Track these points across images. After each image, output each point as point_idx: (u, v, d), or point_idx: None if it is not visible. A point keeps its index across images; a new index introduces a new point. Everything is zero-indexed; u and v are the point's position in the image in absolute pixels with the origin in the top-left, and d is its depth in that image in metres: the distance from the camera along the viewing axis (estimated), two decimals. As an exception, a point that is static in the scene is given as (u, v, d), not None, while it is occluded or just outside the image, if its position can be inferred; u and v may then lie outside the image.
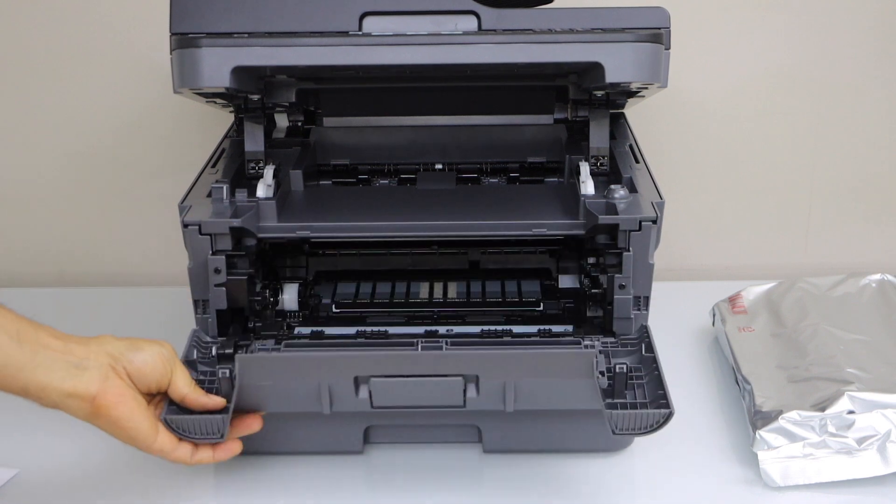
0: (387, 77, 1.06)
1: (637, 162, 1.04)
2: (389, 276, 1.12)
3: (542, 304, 1.07)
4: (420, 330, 1.01)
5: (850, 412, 0.90)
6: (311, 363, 0.83)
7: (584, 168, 1.00)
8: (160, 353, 0.82)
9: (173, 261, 1.20)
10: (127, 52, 1.32)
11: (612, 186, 0.94)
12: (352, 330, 1.01)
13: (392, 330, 1.01)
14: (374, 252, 1.12)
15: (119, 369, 0.80)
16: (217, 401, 0.84)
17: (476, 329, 1.01)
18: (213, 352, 0.92)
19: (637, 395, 0.87)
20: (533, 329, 1.00)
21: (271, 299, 1.04)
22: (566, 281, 1.09)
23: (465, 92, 1.09)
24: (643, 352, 0.92)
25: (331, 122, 1.11)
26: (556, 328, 1.00)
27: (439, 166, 1.11)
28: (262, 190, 0.97)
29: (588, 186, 0.96)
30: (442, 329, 1.01)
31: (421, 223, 0.94)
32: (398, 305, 1.08)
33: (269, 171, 0.99)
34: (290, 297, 1.05)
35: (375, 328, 1.01)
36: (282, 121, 1.11)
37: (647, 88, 0.95)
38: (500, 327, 1.01)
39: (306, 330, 1.02)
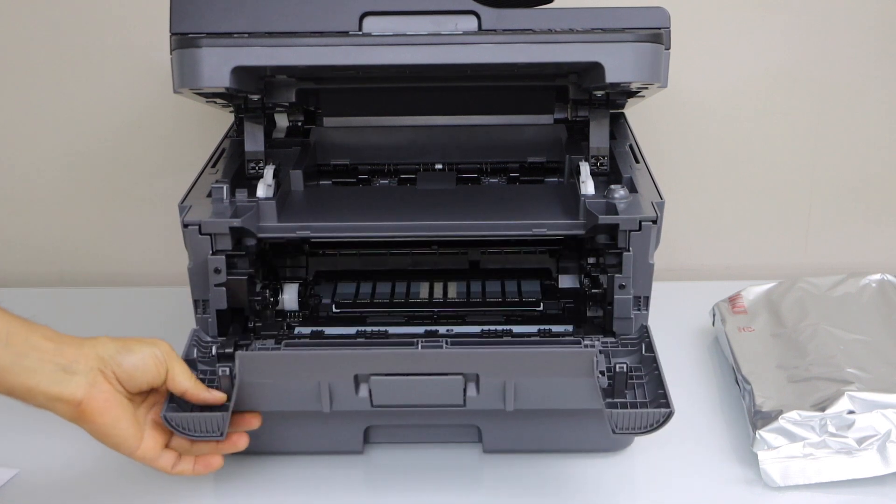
0: (387, 77, 1.06)
1: (637, 162, 1.04)
2: (389, 276, 1.12)
3: (542, 304, 1.07)
4: (420, 330, 1.01)
5: (850, 412, 0.89)
6: (312, 361, 0.83)
7: (584, 168, 1.00)
8: (152, 353, 0.81)
9: (173, 261, 1.20)
10: (127, 52, 1.32)
11: (612, 186, 0.94)
12: (352, 330, 1.01)
13: (392, 330, 1.01)
14: (374, 252, 1.12)
15: (108, 373, 0.79)
16: (217, 395, 0.84)
17: (476, 329, 1.01)
18: (213, 351, 0.92)
19: (637, 395, 0.87)
20: (533, 329, 1.00)
21: (271, 299, 1.04)
22: (566, 281, 1.09)
23: (465, 92, 1.09)
24: (643, 351, 0.92)
25: (331, 122, 1.11)
26: (556, 328, 1.00)
27: (439, 166, 1.11)
28: (262, 190, 0.97)
29: (588, 186, 0.96)
30: (442, 329, 1.01)
31: (421, 223, 0.94)
32: (398, 305, 1.08)
33: (269, 171, 0.99)
34: (290, 297, 1.05)
35: (375, 328, 1.01)
36: (282, 121, 1.11)
37: (647, 88, 0.95)
38: (500, 327, 1.01)
39: (306, 330, 1.02)
